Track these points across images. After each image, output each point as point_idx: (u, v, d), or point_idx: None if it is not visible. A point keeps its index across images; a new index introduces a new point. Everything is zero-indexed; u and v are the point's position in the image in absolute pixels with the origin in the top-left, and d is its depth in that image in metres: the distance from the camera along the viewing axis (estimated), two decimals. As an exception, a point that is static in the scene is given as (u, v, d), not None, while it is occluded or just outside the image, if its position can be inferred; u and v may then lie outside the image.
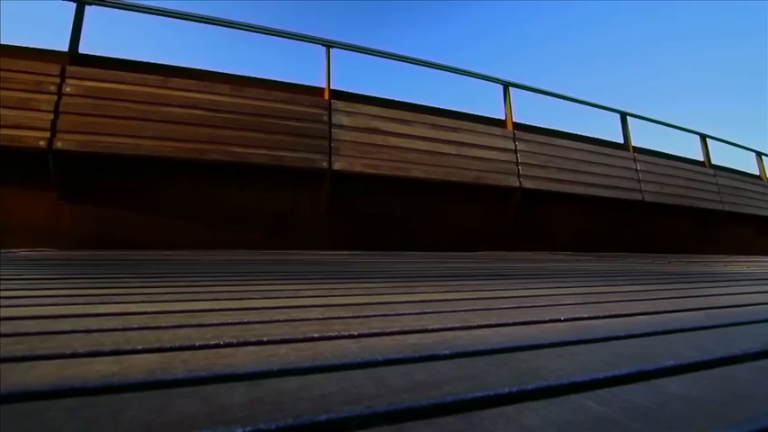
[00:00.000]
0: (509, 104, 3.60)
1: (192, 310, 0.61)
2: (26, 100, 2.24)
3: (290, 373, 0.35)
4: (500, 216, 3.43)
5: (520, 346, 0.46)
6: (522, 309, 0.70)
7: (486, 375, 0.36)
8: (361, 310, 0.63)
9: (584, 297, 0.86)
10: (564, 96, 3.93)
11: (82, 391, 0.30)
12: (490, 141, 3.30)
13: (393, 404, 0.29)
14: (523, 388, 0.33)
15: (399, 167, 2.91)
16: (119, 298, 0.70)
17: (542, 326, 0.57)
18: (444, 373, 0.36)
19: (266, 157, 2.58)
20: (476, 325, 0.56)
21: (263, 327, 0.52)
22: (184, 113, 2.48)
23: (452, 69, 3.47)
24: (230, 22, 2.86)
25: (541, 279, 1.22)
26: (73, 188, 2.39)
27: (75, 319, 0.53)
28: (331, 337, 0.47)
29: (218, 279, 1.00)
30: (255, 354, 0.41)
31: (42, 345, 0.42)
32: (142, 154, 2.36)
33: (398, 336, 0.49)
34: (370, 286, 0.92)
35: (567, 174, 3.51)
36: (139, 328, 0.49)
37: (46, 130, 2.22)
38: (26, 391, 0.30)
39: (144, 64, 2.64)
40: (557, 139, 3.62)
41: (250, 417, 0.26)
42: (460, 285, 1.00)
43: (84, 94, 2.34)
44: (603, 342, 0.50)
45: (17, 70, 2.26)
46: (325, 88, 2.98)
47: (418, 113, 3.13)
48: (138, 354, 0.40)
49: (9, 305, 0.61)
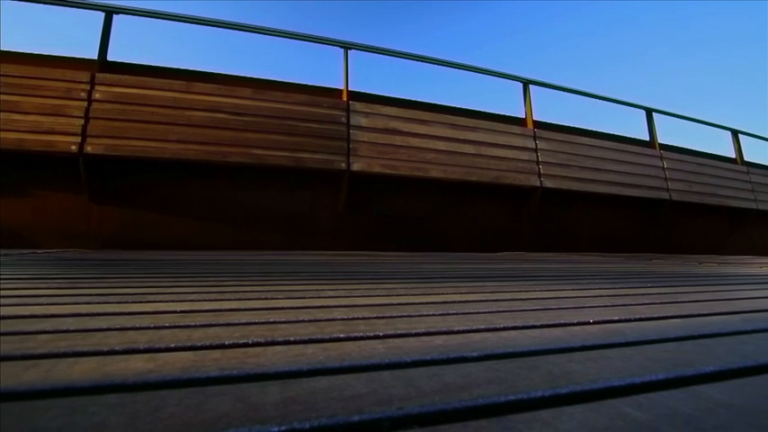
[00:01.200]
0: (529, 102, 3.54)
1: (220, 310, 0.62)
2: (59, 107, 2.34)
3: (320, 373, 0.35)
4: (520, 216, 3.38)
5: (549, 348, 0.45)
6: (548, 311, 0.68)
7: (517, 378, 0.35)
8: (385, 311, 0.63)
9: (612, 299, 0.84)
10: (586, 93, 3.84)
11: (121, 387, 0.31)
12: (510, 140, 3.25)
13: (425, 406, 0.29)
14: (557, 392, 0.32)
15: (418, 168, 2.90)
16: (149, 297, 0.72)
17: (570, 328, 0.56)
18: (474, 376, 0.35)
19: (287, 158, 2.62)
20: (501, 327, 0.55)
21: (288, 326, 0.52)
22: (208, 117, 2.54)
23: (471, 68, 3.44)
24: (251, 26, 2.92)
25: (565, 280, 1.19)
26: (102, 190, 2.48)
27: (110, 318, 0.55)
28: (357, 337, 0.47)
29: (243, 279, 1.02)
30: (284, 353, 0.41)
31: (82, 342, 0.43)
32: (167, 157, 2.43)
33: (424, 337, 0.49)
34: (391, 287, 0.92)
35: (589, 172, 3.43)
36: (171, 327, 0.51)
37: (77, 135, 2.32)
38: (71, 386, 0.31)
39: (168, 70, 2.72)
40: (578, 137, 3.54)
41: (284, 416, 0.27)
42: (482, 286, 0.98)
43: (112, 100, 2.43)
44: (636, 346, 0.48)
45: (51, 78, 2.36)
46: (344, 90, 3.00)
47: (436, 113, 3.11)
48: (172, 352, 0.41)
49: (50, 303, 0.64)
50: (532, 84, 3.59)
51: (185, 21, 2.82)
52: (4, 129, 2.22)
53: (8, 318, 0.54)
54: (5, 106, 2.25)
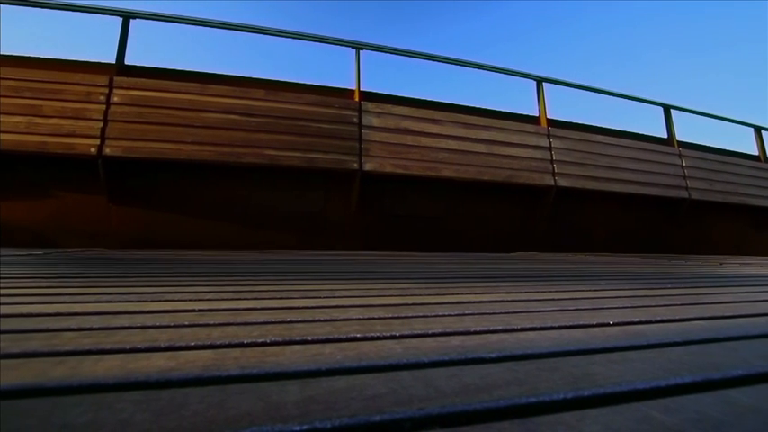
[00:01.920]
0: (542, 100, 3.50)
1: (237, 309, 0.63)
2: (79, 110, 2.40)
3: (339, 373, 0.35)
4: (534, 216, 3.34)
5: (569, 350, 0.45)
6: (566, 312, 0.67)
7: (538, 380, 0.35)
8: (400, 311, 0.63)
9: (631, 300, 0.82)
10: (602, 90, 3.77)
11: (145, 384, 0.32)
12: (523, 139, 3.21)
13: (445, 407, 0.28)
14: (580, 394, 0.32)
15: (430, 167, 2.89)
16: (168, 296, 0.74)
17: (590, 330, 0.55)
18: (493, 377, 0.35)
19: (299, 159, 2.64)
20: (519, 328, 0.54)
21: (305, 326, 0.52)
22: (221, 119, 2.57)
23: (483, 66, 3.41)
24: (264, 28, 2.94)
25: (581, 281, 1.17)
26: (120, 191, 2.53)
27: (132, 316, 0.56)
28: (373, 337, 0.47)
29: (258, 278, 1.03)
30: (301, 352, 0.41)
31: (106, 339, 0.44)
32: (183, 158, 2.47)
33: (441, 337, 0.48)
34: (405, 287, 0.92)
35: (604, 171, 3.37)
36: (190, 326, 0.51)
37: (96, 137, 2.37)
38: (96, 383, 0.32)
39: (184, 72, 2.76)
40: (593, 135, 3.48)
41: (305, 415, 0.27)
42: (496, 287, 0.98)
43: (130, 103, 2.48)
44: (659, 348, 0.47)
45: (71, 83, 2.42)
46: (356, 90, 3.00)
47: (448, 112, 3.10)
48: (192, 350, 0.41)
49: (73, 301, 0.66)
50: (546, 81, 3.55)
51: (199, 24, 2.86)
52: (27, 132, 2.28)
53: (35, 315, 0.56)
54: (29, 110, 2.32)
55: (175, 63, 2.78)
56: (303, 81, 2.98)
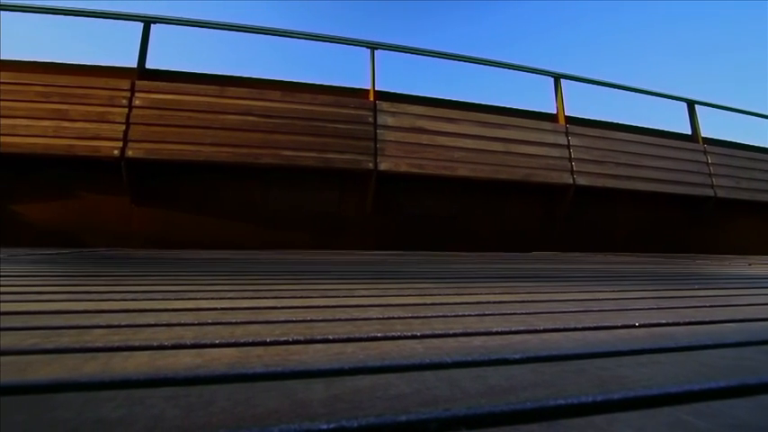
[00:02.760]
0: (560, 98, 3.43)
1: (258, 308, 0.64)
2: (102, 113, 2.47)
3: (362, 372, 0.35)
4: (552, 215, 3.28)
5: (595, 352, 0.44)
6: (589, 313, 0.66)
7: (564, 382, 0.34)
8: (420, 311, 0.63)
9: (657, 301, 0.80)
10: (622, 86, 3.68)
11: (173, 381, 0.33)
12: (540, 137, 3.16)
13: (471, 408, 0.28)
14: (609, 397, 0.31)
15: (445, 167, 2.87)
16: (190, 294, 0.75)
17: (615, 331, 0.54)
18: (519, 378, 0.34)
19: (315, 159, 2.66)
20: (542, 329, 0.53)
21: (326, 325, 0.53)
22: (239, 120, 2.61)
23: (498, 64, 3.37)
24: (280, 30, 2.98)
25: (603, 281, 1.15)
26: (142, 192, 2.60)
27: (157, 314, 0.58)
28: (395, 337, 0.47)
29: (276, 277, 1.04)
30: (324, 351, 0.41)
31: (133, 336, 0.45)
32: (201, 160, 2.52)
33: (462, 337, 0.48)
34: (423, 287, 0.92)
35: (625, 169, 3.29)
36: (213, 324, 0.52)
37: (119, 140, 2.44)
38: (127, 379, 0.33)
39: (203, 75, 2.81)
40: (614, 132, 3.40)
41: (331, 414, 0.27)
42: (516, 287, 0.96)
43: (151, 106, 2.54)
44: (689, 351, 0.45)
45: (95, 87, 2.50)
46: (371, 90, 3.01)
47: (464, 111, 3.07)
48: (217, 348, 0.42)
49: (100, 299, 0.68)
50: (564, 78, 3.48)
51: (217, 27, 2.91)
52: (55, 135, 2.37)
53: (65, 312, 0.57)
54: (56, 114, 2.40)
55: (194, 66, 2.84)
56: (319, 82, 3.00)
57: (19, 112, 2.38)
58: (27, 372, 0.34)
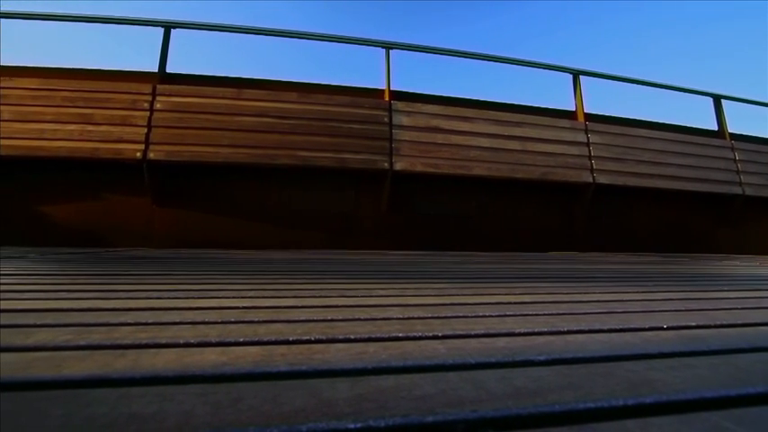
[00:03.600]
0: (579, 94, 3.36)
1: (279, 307, 0.64)
2: (125, 117, 2.54)
3: (385, 372, 0.35)
4: (570, 214, 3.22)
5: (623, 354, 0.43)
6: (614, 314, 0.64)
7: (593, 385, 0.33)
8: (439, 311, 0.63)
9: (684, 303, 0.77)
10: (644, 82, 3.58)
11: (201, 378, 0.33)
12: (558, 135, 3.10)
13: (498, 410, 0.28)
14: (641, 401, 0.30)
15: (461, 166, 2.85)
16: (212, 293, 0.76)
17: (642, 333, 0.52)
18: (545, 380, 0.34)
19: (330, 159, 2.67)
20: (566, 330, 0.52)
21: (346, 324, 0.53)
22: (256, 122, 2.65)
23: (515, 61, 3.33)
24: (296, 32, 3.01)
25: (627, 282, 1.12)
26: (162, 193, 2.66)
27: (181, 312, 0.59)
28: (416, 337, 0.47)
29: (295, 277, 1.05)
30: (346, 351, 0.42)
31: (160, 334, 0.46)
32: (220, 161, 2.57)
33: (484, 338, 0.47)
34: (441, 287, 0.91)
35: (647, 166, 3.20)
36: (236, 322, 0.53)
37: (141, 142, 2.50)
38: (156, 375, 0.33)
39: (221, 78, 2.86)
40: (635, 129, 3.31)
41: (358, 413, 0.27)
42: (536, 287, 0.95)
43: (171, 109, 2.60)
44: (722, 355, 0.44)
45: (119, 91, 2.57)
46: (386, 90, 3.01)
47: (479, 110, 3.04)
48: (241, 346, 0.43)
49: (127, 297, 0.70)
50: (583, 74, 3.41)
51: (234, 31, 2.96)
52: (81, 139, 2.44)
53: (95, 310, 0.59)
54: (82, 118, 2.48)
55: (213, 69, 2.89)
56: (334, 83, 3.01)
57: (47, 117, 2.46)
58: (62, 367, 0.35)
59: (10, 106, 2.46)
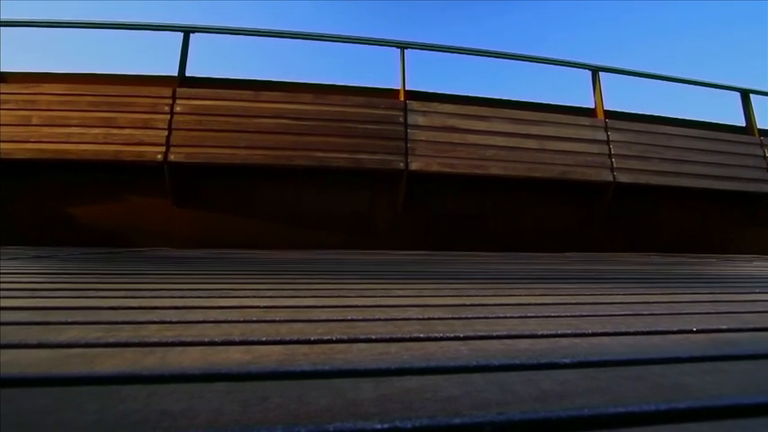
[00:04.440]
0: (599, 91, 3.29)
1: (299, 306, 0.65)
2: (147, 120, 2.61)
3: (408, 373, 0.35)
4: (589, 214, 3.15)
5: (650, 358, 0.41)
6: (639, 316, 0.62)
7: (622, 389, 0.32)
8: (459, 312, 0.62)
9: (714, 306, 0.75)
10: (666, 77, 3.48)
11: (227, 376, 0.34)
12: (577, 133, 3.04)
13: (526, 413, 0.27)
14: (674, 406, 0.29)
15: (477, 165, 2.82)
16: (233, 293, 0.78)
17: (670, 337, 0.51)
18: (572, 383, 0.33)
19: (346, 160, 2.69)
20: (590, 332, 0.51)
21: (366, 324, 0.53)
22: (273, 123, 2.68)
23: (532, 59, 3.28)
24: (312, 34, 3.03)
25: (651, 283, 1.09)
26: (182, 194, 2.72)
27: (204, 311, 0.60)
28: (437, 338, 0.47)
29: (313, 276, 1.06)
30: (368, 351, 0.42)
31: (185, 332, 0.47)
32: (237, 162, 2.61)
33: (507, 340, 0.47)
34: (459, 287, 0.91)
35: (670, 164, 3.10)
36: (258, 321, 0.54)
37: (162, 145, 2.56)
38: (184, 373, 0.34)
39: (238, 81, 2.91)
40: (658, 126, 3.22)
41: (383, 414, 0.27)
42: (557, 288, 0.93)
43: (191, 112, 2.65)
44: (758, 360, 0.42)
45: (140, 95, 2.64)
46: (401, 89, 3.00)
47: (496, 108, 3.01)
48: (264, 345, 0.43)
49: (152, 296, 0.72)
50: (602, 71, 3.33)
51: (252, 34, 3.00)
52: (105, 142, 2.52)
53: (122, 308, 0.61)
54: (105, 122, 2.56)
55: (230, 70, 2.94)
56: (349, 83, 3.03)
57: (73, 121, 2.55)
58: (94, 364, 0.36)
59: (39, 111, 2.55)
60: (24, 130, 2.51)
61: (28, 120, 2.53)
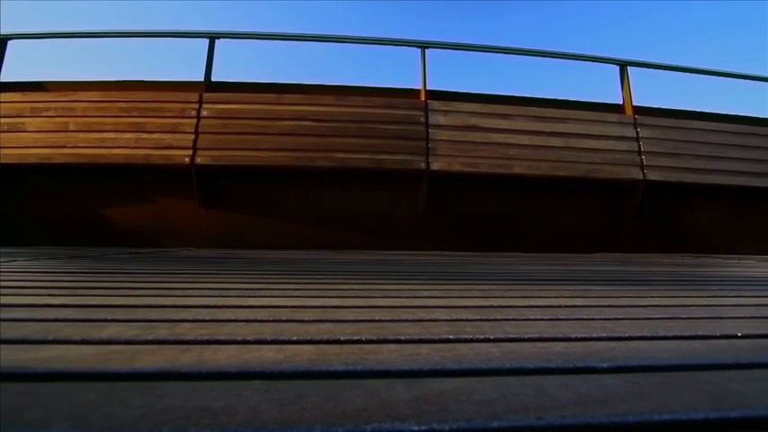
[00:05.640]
0: (627, 87, 3.18)
1: (326, 306, 0.66)
2: (175, 125, 2.69)
3: (441, 375, 0.35)
4: (618, 213, 3.05)
5: (694, 363, 0.40)
6: (678, 320, 0.60)
7: (666, 395, 0.31)
8: (488, 313, 0.61)
9: (759, 309, 0.71)
10: (697, 70, 3.33)
11: (262, 374, 0.34)
12: (604, 130, 2.95)
13: (566, 418, 0.27)
14: (725, 415, 0.28)
15: (500, 164, 2.78)
16: (261, 292, 0.79)
17: (714, 342, 0.49)
18: (612, 389, 0.32)
19: (367, 160, 2.70)
20: (626, 336, 0.49)
21: (394, 325, 0.53)
22: (295, 125, 2.72)
23: (556, 55, 3.21)
24: (334, 36, 3.06)
25: (688, 285, 1.04)
26: (208, 196, 2.80)
27: (235, 310, 0.62)
28: (467, 339, 0.46)
29: (338, 277, 1.06)
30: (398, 352, 0.42)
31: (218, 331, 0.49)
32: (261, 164, 2.66)
33: (540, 343, 0.46)
34: (486, 288, 0.89)
35: (705, 161, 2.97)
36: (287, 321, 0.55)
37: (189, 148, 2.64)
38: (221, 371, 0.35)
39: (261, 84, 2.97)
40: (691, 122, 3.09)
41: (419, 415, 0.27)
42: (587, 290, 0.90)
43: (217, 116, 2.73)
44: (813, 367, 0.40)
45: (169, 101, 2.73)
46: (422, 89, 2.99)
47: (519, 106, 2.96)
48: (295, 344, 0.44)
49: (184, 295, 0.74)
50: (631, 65, 3.22)
51: (274, 38, 3.06)
52: (135, 147, 2.62)
53: (157, 307, 0.63)
54: (136, 127, 2.66)
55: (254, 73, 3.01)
56: (370, 84, 3.04)
57: (106, 127, 2.66)
58: (135, 360, 0.38)
59: (75, 118, 2.67)
60: (62, 135, 2.63)
61: (66, 126, 2.66)
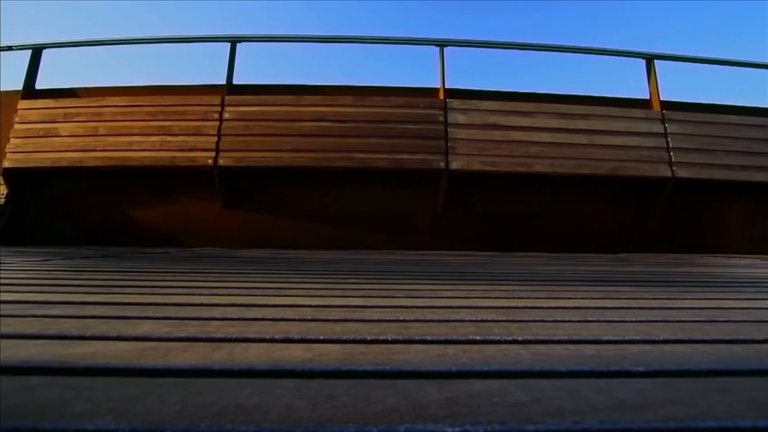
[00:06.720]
0: (654, 81, 3.07)
1: (350, 306, 0.66)
2: (198, 127, 2.76)
3: (471, 376, 0.34)
4: (645, 212, 2.95)
5: (734, 369, 0.38)
6: (715, 323, 0.57)
7: (708, 401, 0.30)
8: (514, 314, 0.60)
9: (802, 312, 0.67)
10: (729, 62, 3.19)
11: (293, 373, 0.35)
12: (630, 126, 2.86)
13: (604, 423, 0.26)
14: (775, 424, 0.26)
15: (521, 163, 2.73)
16: (285, 291, 0.80)
17: (756, 346, 0.46)
18: (649, 393, 0.31)
19: (386, 160, 2.70)
20: (661, 339, 0.48)
21: (420, 326, 0.53)
22: (314, 126, 2.75)
23: (579, 50, 3.13)
24: (351, 37, 3.08)
25: (723, 287, 1.00)
26: (231, 197, 2.86)
27: (261, 309, 0.63)
28: (495, 341, 0.46)
29: (360, 277, 1.07)
30: (425, 352, 0.41)
31: (246, 329, 0.49)
32: (281, 165, 2.71)
33: (570, 345, 0.45)
34: (510, 289, 0.88)
35: (739, 157, 2.84)
36: (313, 320, 0.55)
37: (212, 150, 2.71)
38: (251, 368, 0.35)
39: (281, 86, 3.01)
40: (723, 116, 2.96)
41: (452, 417, 0.26)
42: (616, 292, 0.88)
43: (238, 118, 2.78)
44: None
45: (192, 104, 2.80)
46: (440, 88, 2.97)
47: (540, 103, 2.90)
48: (322, 343, 0.44)
49: (211, 293, 0.75)
50: (657, 59, 3.11)
51: (293, 41, 3.10)
52: (161, 149, 2.70)
53: (186, 305, 0.65)
54: (162, 130, 2.74)
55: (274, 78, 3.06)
56: (388, 84, 3.04)
57: (134, 130, 2.75)
58: (169, 357, 0.39)
59: (105, 122, 2.78)
60: (93, 139, 2.74)
61: (95, 130, 2.76)
